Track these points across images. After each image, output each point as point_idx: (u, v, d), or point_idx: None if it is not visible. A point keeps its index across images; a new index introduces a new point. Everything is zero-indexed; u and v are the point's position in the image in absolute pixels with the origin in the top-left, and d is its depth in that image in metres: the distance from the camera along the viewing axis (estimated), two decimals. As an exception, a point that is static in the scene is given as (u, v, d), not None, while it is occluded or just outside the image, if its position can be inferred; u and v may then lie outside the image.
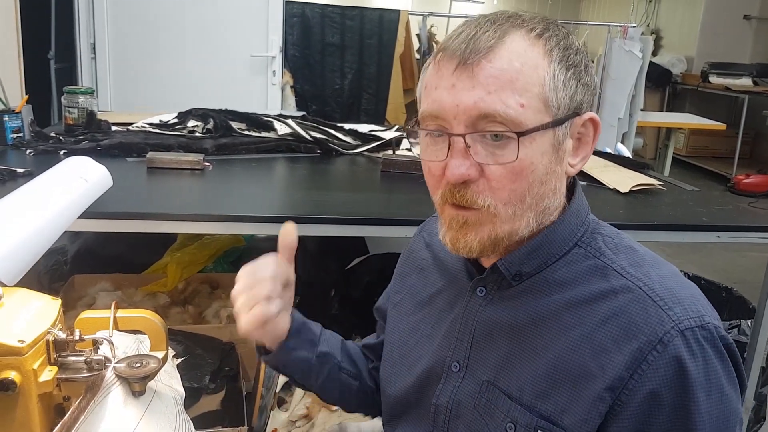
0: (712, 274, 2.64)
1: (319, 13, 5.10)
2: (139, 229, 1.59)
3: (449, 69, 0.78)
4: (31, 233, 1.14)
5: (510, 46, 0.77)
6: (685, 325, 0.75)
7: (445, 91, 0.78)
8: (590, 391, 0.77)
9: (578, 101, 0.82)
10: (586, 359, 0.78)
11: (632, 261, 0.83)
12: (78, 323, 0.79)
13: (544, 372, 0.81)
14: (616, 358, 0.76)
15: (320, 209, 1.72)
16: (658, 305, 0.77)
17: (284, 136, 2.40)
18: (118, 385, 0.78)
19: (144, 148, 2.13)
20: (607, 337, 0.78)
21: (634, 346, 0.75)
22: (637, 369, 0.75)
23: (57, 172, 1.50)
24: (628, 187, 2.04)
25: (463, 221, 0.81)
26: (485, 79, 0.76)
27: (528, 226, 0.82)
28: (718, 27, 7.96)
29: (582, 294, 0.82)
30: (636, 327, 0.76)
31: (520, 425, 0.81)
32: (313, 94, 5.19)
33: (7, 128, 2.18)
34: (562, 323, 0.81)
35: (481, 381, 0.87)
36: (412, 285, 1.06)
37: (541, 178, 0.80)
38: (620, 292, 0.79)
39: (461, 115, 0.77)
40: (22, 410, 0.72)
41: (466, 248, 0.82)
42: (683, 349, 0.74)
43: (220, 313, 2.16)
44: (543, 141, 0.79)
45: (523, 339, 0.84)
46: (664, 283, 0.80)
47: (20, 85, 2.96)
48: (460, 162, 0.78)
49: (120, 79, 4.33)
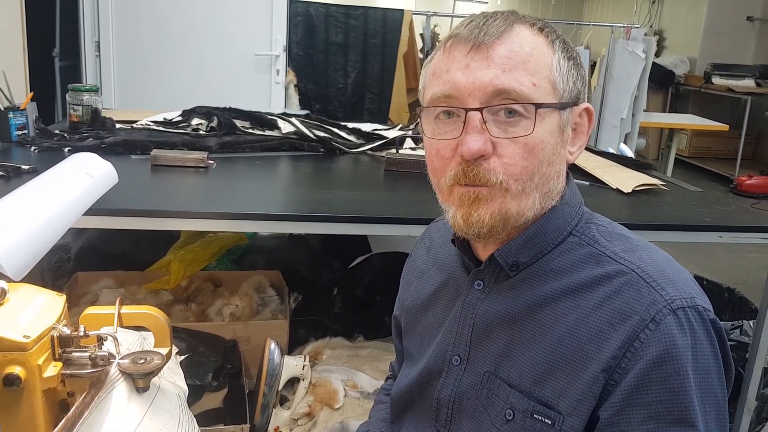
0: (714, 275, 2.64)
1: (323, 13, 5.10)
2: (143, 227, 1.60)
3: (462, 52, 0.82)
4: (37, 229, 1.14)
5: (519, 33, 0.82)
6: (678, 304, 0.77)
7: (459, 71, 0.81)
8: (587, 373, 0.78)
9: (578, 90, 0.86)
10: (583, 342, 0.80)
11: (626, 247, 0.85)
12: (82, 319, 0.80)
13: (542, 358, 0.82)
14: (611, 339, 0.78)
15: (323, 208, 1.72)
16: (651, 286, 0.79)
17: (288, 135, 2.41)
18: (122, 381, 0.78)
19: (148, 146, 2.13)
20: (602, 320, 0.79)
21: (628, 325, 0.77)
22: (630, 347, 0.76)
23: (63, 168, 1.50)
24: (631, 187, 2.04)
25: (475, 196, 0.82)
26: (500, 59, 0.80)
27: (533, 207, 0.84)
28: (721, 28, 7.94)
29: (577, 280, 0.83)
30: (629, 308, 0.78)
31: (518, 411, 0.83)
32: (316, 92, 5.19)
33: (12, 125, 2.18)
34: (558, 310, 0.83)
35: (482, 372, 0.89)
36: (414, 290, 1.07)
37: (549, 158, 0.83)
38: (614, 276, 0.81)
39: (477, 91, 0.80)
40: (27, 406, 0.73)
41: (478, 223, 0.83)
42: (674, 326, 0.76)
43: (223, 310, 2.17)
44: (551, 121, 0.82)
45: (521, 328, 0.85)
46: (657, 266, 0.81)
47: (25, 82, 2.97)
48: (477, 137, 0.80)
49: (124, 77, 4.34)
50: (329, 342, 2.12)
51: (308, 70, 5.11)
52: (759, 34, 7.95)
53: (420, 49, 5.52)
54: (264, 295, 2.27)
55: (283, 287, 2.33)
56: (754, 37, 7.96)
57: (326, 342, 2.12)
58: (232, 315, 2.15)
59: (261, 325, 2.11)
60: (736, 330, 2.09)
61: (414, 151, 2.38)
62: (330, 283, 2.49)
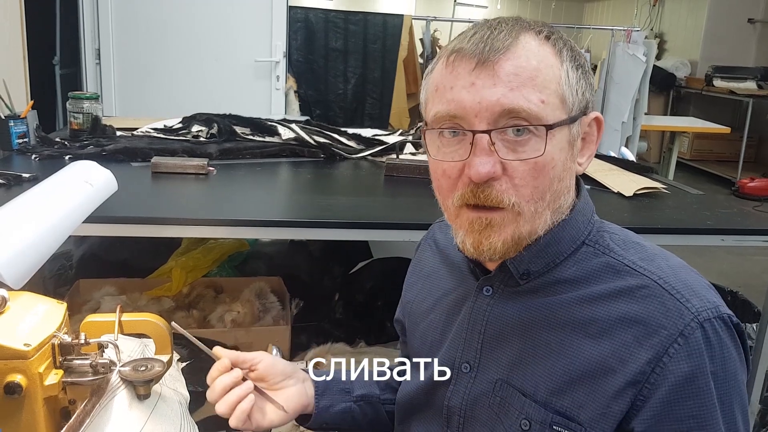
0: (717, 278, 2.63)
1: (323, 19, 5.10)
2: (144, 234, 1.60)
3: (467, 68, 0.78)
4: (37, 237, 1.14)
5: (525, 45, 0.79)
6: (704, 316, 0.76)
7: (464, 90, 0.78)
8: (609, 386, 0.77)
9: (587, 99, 0.83)
10: (605, 356, 0.78)
11: (642, 255, 0.83)
12: (83, 327, 0.80)
13: (561, 369, 0.81)
14: (637, 353, 0.77)
15: (324, 213, 1.72)
16: (676, 298, 0.77)
17: (288, 141, 2.41)
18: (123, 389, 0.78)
19: (148, 153, 2.14)
20: (627, 333, 0.78)
21: (655, 340, 0.76)
22: (659, 363, 0.75)
23: (62, 177, 1.50)
24: (633, 190, 2.04)
25: (487, 223, 0.80)
26: (506, 76, 0.77)
27: (545, 224, 0.82)
28: (722, 30, 7.95)
29: (596, 291, 0.82)
30: (656, 321, 0.77)
31: (534, 422, 0.81)
32: (316, 98, 5.19)
33: (13, 133, 2.18)
34: (577, 320, 0.81)
35: (493, 380, 0.87)
36: (419, 292, 1.06)
37: (560, 175, 0.80)
38: (636, 288, 0.80)
39: (483, 112, 0.77)
40: (28, 413, 0.73)
41: (490, 251, 0.81)
42: (703, 341, 0.75)
43: (225, 317, 2.17)
44: (561, 137, 0.80)
45: (535, 337, 0.84)
46: (678, 275, 0.80)
47: (25, 90, 2.98)
48: (485, 159, 0.77)
49: (124, 85, 4.35)
50: (331, 348, 2.12)
51: (308, 76, 5.12)
52: (760, 36, 7.95)
53: (420, 54, 5.52)
54: (265, 301, 2.27)
55: (284, 293, 2.33)
56: (755, 40, 7.97)
57: (328, 348, 2.12)
58: (233, 321, 2.15)
59: (263, 332, 2.11)
60: (739, 333, 2.09)
61: (414, 157, 2.38)
62: (331, 289, 2.49)
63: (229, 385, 0.94)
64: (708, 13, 7.99)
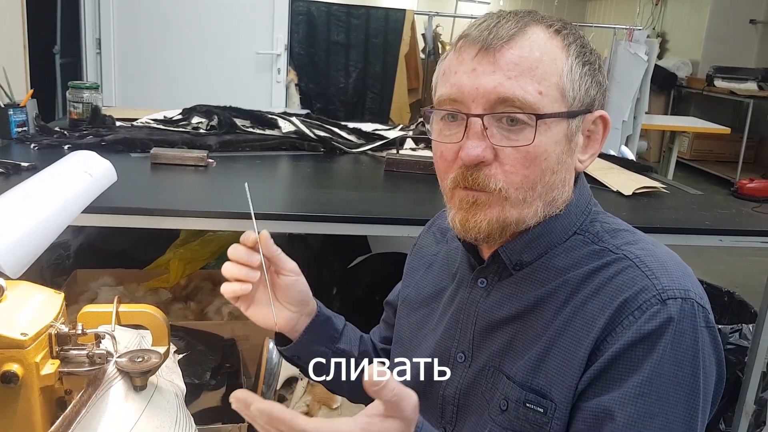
0: (714, 278, 2.63)
1: (325, 12, 5.09)
2: (142, 225, 1.60)
3: (470, 54, 0.80)
4: (35, 226, 1.14)
5: (531, 36, 0.80)
6: (669, 294, 0.76)
7: (465, 75, 0.80)
8: (578, 359, 0.78)
9: (591, 97, 0.84)
10: (577, 330, 0.80)
11: (628, 240, 0.84)
12: (80, 317, 0.80)
13: (540, 349, 0.82)
14: (598, 323, 0.78)
15: (323, 207, 1.72)
16: (645, 274, 0.78)
17: (288, 134, 2.40)
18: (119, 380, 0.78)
19: (148, 144, 2.13)
20: (595, 306, 0.79)
21: (614, 310, 0.77)
22: (612, 331, 0.76)
23: (61, 166, 1.50)
24: (632, 189, 2.04)
25: (473, 200, 0.81)
26: (506, 65, 0.78)
27: (536, 215, 0.83)
28: (724, 31, 7.94)
29: (578, 275, 0.83)
30: (619, 292, 0.78)
31: (511, 401, 0.83)
32: (317, 92, 5.18)
33: (12, 122, 2.18)
34: (557, 302, 0.83)
35: (486, 368, 0.88)
36: (419, 280, 1.07)
37: (553, 168, 0.81)
38: (612, 264, 0.81)
39: (480, 98, 0.79)
40: (24, 403, 0.73)
41: (475, 228, 0.82)
42: (660, 317, 0.75)
43: (222, 309, 2.17)
44: (557, 130, 0.80)
45: (525, 324, 0.85)
46: (657, 258, 0.81)
47: (25, 79, 2.97)
48: (476, 143, 0.79)
49: (125, 75, 4.34)
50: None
51: (309, 70, 5.11)
52: (762, 37, 7.95)
53: (422, 50, 5.51)
54: (263, 294, 2.26)
55: (282, 287, 2.32)
56: (756, 40, 7.97)
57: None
58: (230, 314, 2.15)
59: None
60: (736, 334, 2.09)
61: (414, 152, 2.38)
62: (329, 283, 2.49)
63: (244, 261, 0.99)
64: (710, 13, 7.99)
